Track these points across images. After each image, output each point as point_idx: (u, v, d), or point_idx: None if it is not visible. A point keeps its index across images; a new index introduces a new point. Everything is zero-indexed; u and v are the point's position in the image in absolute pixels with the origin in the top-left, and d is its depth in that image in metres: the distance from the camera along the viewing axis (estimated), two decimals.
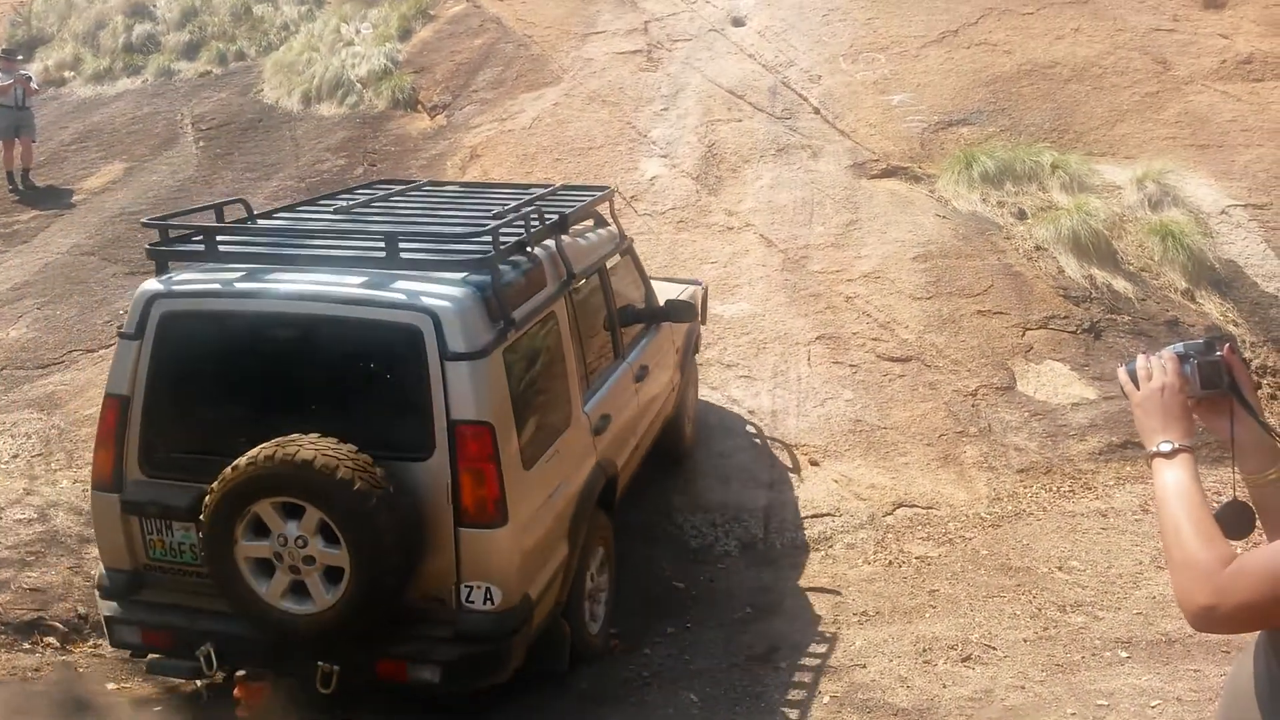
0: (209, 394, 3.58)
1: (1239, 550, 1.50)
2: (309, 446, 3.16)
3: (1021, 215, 7.99)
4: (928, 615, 4.66)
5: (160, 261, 3.65)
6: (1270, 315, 6.98)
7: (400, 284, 3.40)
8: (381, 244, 3.45)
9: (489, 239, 3.51)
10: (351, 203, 4.50)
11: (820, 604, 4.89)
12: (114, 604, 3.57)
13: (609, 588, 4.46)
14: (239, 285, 3.49)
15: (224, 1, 14.27)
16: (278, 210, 4.56)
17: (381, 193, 4.92)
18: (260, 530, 3.26)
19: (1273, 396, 6.52)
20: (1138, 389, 1.75)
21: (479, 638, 3.36)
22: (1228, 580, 1.45)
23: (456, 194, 5.26)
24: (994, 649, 4.29)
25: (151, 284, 3.54)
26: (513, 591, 3.39)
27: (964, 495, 5.80)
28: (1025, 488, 5.82)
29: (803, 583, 5.13)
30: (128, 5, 14.44)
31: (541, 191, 4.99)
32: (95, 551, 4.20)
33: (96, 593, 3.68)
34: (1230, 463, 1.66)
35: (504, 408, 3.40)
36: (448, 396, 3.27)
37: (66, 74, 13.53)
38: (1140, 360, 1.77)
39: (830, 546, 5.45)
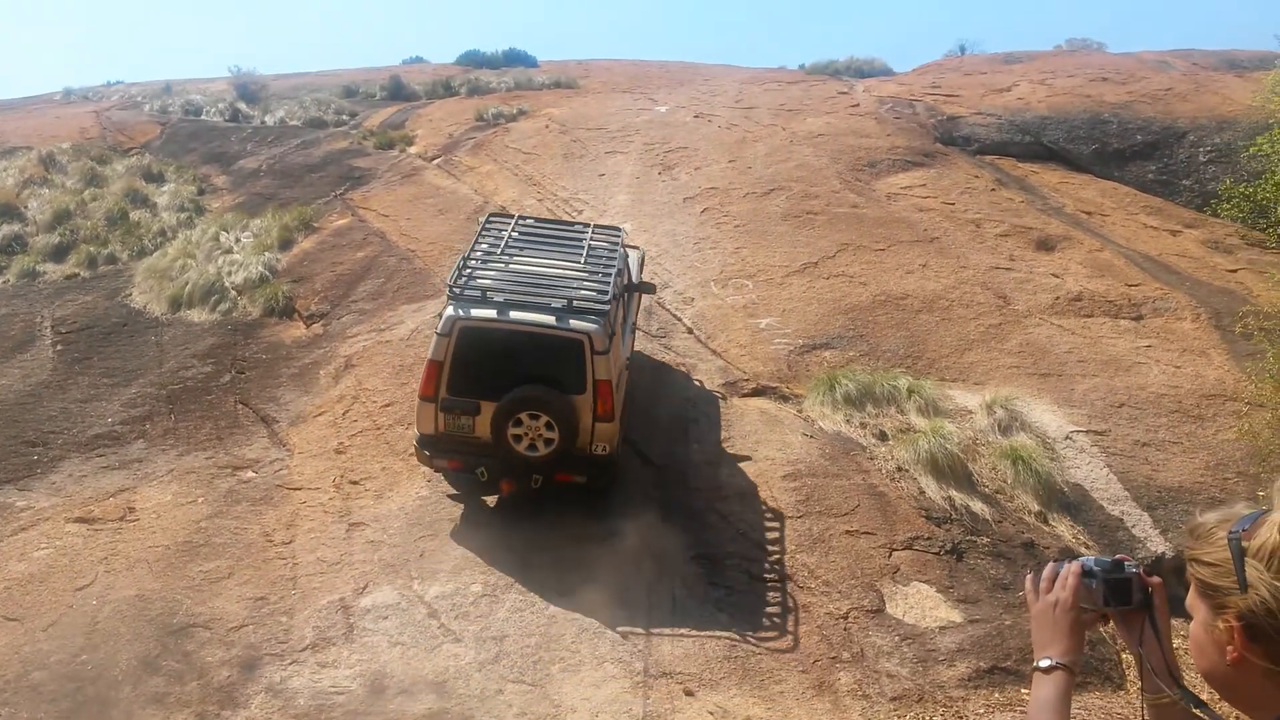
0: (480, 362, 7.11)
1: None
2: (545, 391, 7.02)
3: (883, 436, 8.31)
4: None
5: (455, 300, 7.27)
6: (1118, 538, 7.31)
7: (572, 320, 7.11)
8: (565, 302, 7.19)
9: (607, 299, 7.33)
10: (511, 246, 8.36)
11: None
12: (427, 450, 7.33)
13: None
14: (497, 315, 7.16)
15: (100, 206, 14.19)
16: (477, 251, 8.21)
17: (518, 234, 8.65)
18: (518, 423, 7.07)
19: None
20: (1038, 599, 1.77)
21: (601, 465, 7.33)
22: None
23: (558, 234, 8.95)
24: None
25: (453, 311, 7.15)
26: (613, 446, 7.33)
27: None
28: (899, 717, 5.74)
29: None
30: None
31: (597, 235, 8.86)
32: None
33: (415, 444, 7.45)
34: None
35: (613, 371, 7.19)
36: (593, 368, 7.08)
37: None
38: (1048, 569, 1.78)
39: None
